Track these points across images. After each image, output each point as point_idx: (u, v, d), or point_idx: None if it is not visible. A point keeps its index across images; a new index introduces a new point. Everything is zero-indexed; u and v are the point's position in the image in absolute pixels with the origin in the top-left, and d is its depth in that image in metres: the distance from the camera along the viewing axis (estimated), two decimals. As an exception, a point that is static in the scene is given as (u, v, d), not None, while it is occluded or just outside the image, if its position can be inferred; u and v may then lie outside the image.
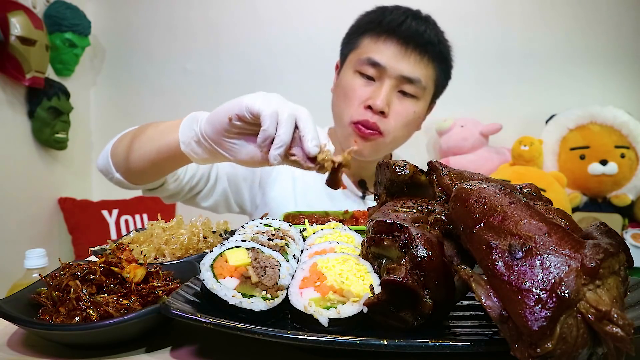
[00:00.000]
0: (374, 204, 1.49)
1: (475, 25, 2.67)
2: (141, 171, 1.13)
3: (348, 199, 1.52)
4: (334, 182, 0.89)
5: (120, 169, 1.18)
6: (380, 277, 0.62)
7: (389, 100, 1.35)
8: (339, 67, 1.51)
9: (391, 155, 1.65)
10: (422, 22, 1.38)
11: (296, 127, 0.85)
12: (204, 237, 0.96)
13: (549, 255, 0.46)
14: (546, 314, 0.43)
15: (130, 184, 1.20)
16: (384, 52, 1.35)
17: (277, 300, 0.60)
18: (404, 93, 1.38)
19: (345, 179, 1.52)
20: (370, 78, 1.37)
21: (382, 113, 1.35)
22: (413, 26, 1.36)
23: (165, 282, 0.71)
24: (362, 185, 1.53)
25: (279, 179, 1.50)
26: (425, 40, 1.36)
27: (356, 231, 0.81)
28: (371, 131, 1.36)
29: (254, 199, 1.51)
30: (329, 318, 0.56)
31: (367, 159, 1.44)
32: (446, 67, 1.46)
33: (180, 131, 0.96)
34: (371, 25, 1.40)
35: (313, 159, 0.84)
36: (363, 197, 1.53)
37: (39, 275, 0.82)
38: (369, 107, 1.35)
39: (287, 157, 0.86)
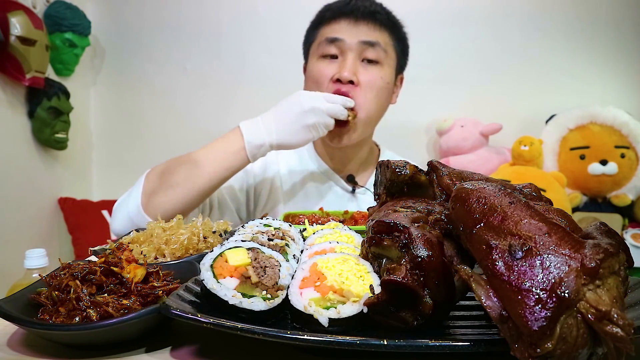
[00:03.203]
0: (365, 197, 1.52)
1: (475, 25, 2.67)
2: (194, 201, 1.26)
3: (338, 196, 1.53)
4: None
5: (164, 215, 1.20)
6: (380, 277, 0.62)
7: (354, 69, 1.39)
8: (305, 67, 1.56)
9: (379, 150, 1.66)
10: (366, 1, 1.47)
11: None
12: (204, 237, 0.95)
13: (549, 255, 0.46)
14: (546, 314, 0.43)
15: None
16: (338, 29, 1.43)
17: (277, 300, 0.60)
18: (368, 61, 1.42)
19: (333, 175, 1.55)
20: (333, 57, 1.42)
21: (351, 83, 1.38)
22: (358, 3, 1.45)
23: (165, 282, 0.71)
24: (350, 179, 1.54)
25: (268, 184, 1.52)
26: (371, 10, 1.44)
27: (356, 231, 0.81)
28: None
29: (249, 207, 1.53)
30: (329, 318, 0.56)
31: (346, 143, 1.43)
32: (399, 33, 1.50)
33: (249, 152, 1.26)
34: (321, 16, 1.50)
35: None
36: (353, 192, 1.54)
37: (39, 275, 0.82)
38: (338, 81, 1.39)
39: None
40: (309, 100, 1.27)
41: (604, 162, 2.34)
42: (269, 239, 0.73)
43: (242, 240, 0.69)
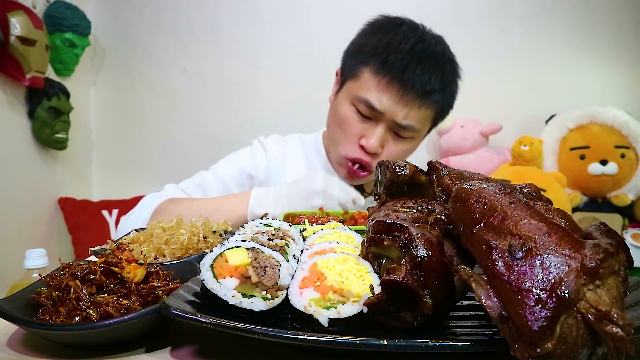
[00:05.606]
0: (374, 204, 1.52)
1: (475, 25, 2.67)
2: None
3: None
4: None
5: None
6: (380, 277, 0.62)
7: (382, 142, 1.37)
8: (339, 85, 1.48)
9: None
10: (428, 66, 1.32)
11: None
12: (204, 237, 0.95)
13: (549, 255, 0.46)
14: (546, 314, 0.43)
15: None
16: (383, 97, 1.32)
17: (277, 300, 0.60)
18: (398, 134, 1.39)
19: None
20: (366, 117, 1.37)
21: (375, 153, 1.37)
22: (418, 72, 1.31)
23: (165, 282, 0.71)
24: (359, 189, 1.54)
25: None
26: (428, 90, 1.33)
27: (356, 231, 0.81)
28: (364, 173, 1.41)
29: None
30: (329, 318, 0.56)
31: (359, 183, 1.49)
32: (448, 104, 1.45)
33: (249, 219, 1.21)
34: (374, 58, 1.34)
35: None
36: None
37: (39, 275, 0.82)
38: (362, 147, 1.37)
39: None
40: (322, 182, 1.22)
41: (604, 162, 2.34)
42: (269, 239, 0.73)
43: (242, 240, 0.69)
